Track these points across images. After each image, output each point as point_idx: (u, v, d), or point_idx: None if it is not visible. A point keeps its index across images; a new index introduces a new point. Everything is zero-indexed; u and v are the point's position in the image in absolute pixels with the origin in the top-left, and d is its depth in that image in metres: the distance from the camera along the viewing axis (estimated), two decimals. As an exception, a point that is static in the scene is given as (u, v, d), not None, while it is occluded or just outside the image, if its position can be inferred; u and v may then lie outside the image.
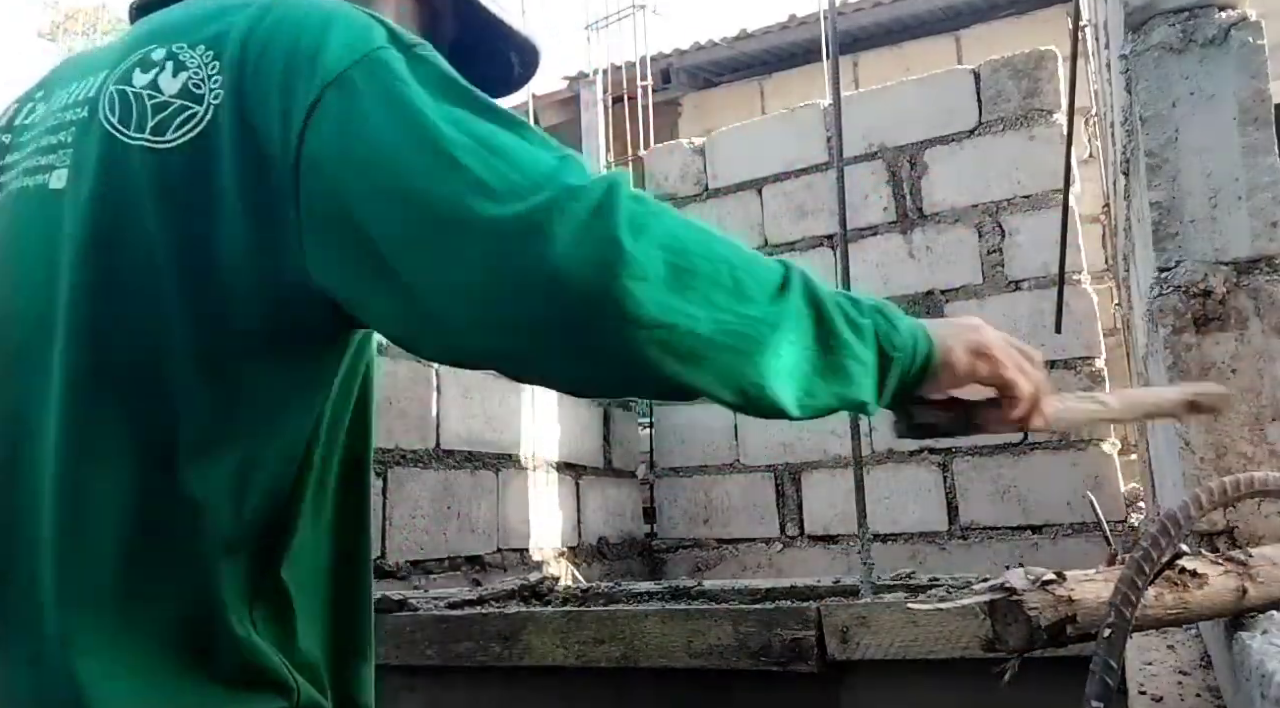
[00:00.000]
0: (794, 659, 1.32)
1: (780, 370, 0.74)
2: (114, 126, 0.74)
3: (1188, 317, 1.03)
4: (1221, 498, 0.74)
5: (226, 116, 0.71)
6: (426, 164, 0.68)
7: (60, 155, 0.77)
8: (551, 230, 0.64)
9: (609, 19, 5.07)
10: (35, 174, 0.78)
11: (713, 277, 0.70)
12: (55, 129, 0.79)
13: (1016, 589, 0.72)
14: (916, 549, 3.24)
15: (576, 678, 1.52)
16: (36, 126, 0.82)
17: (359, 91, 0.70)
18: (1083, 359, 3.10)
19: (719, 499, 3.62)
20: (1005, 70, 3.29)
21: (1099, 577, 0.76)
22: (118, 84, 0.76)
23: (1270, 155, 1.03)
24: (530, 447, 2.97)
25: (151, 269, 0.71)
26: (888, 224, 3.41)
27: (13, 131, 0.85)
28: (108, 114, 0.75)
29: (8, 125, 0.87)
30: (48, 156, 0.78)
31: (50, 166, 0.77)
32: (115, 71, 0.77)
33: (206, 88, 0.73)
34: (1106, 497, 2.94)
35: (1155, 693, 0.95)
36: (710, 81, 7.16)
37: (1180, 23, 1.07)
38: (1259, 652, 0.64)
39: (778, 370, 0.73)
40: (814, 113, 3.62)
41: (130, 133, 0.73)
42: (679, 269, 0.68)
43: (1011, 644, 0.72)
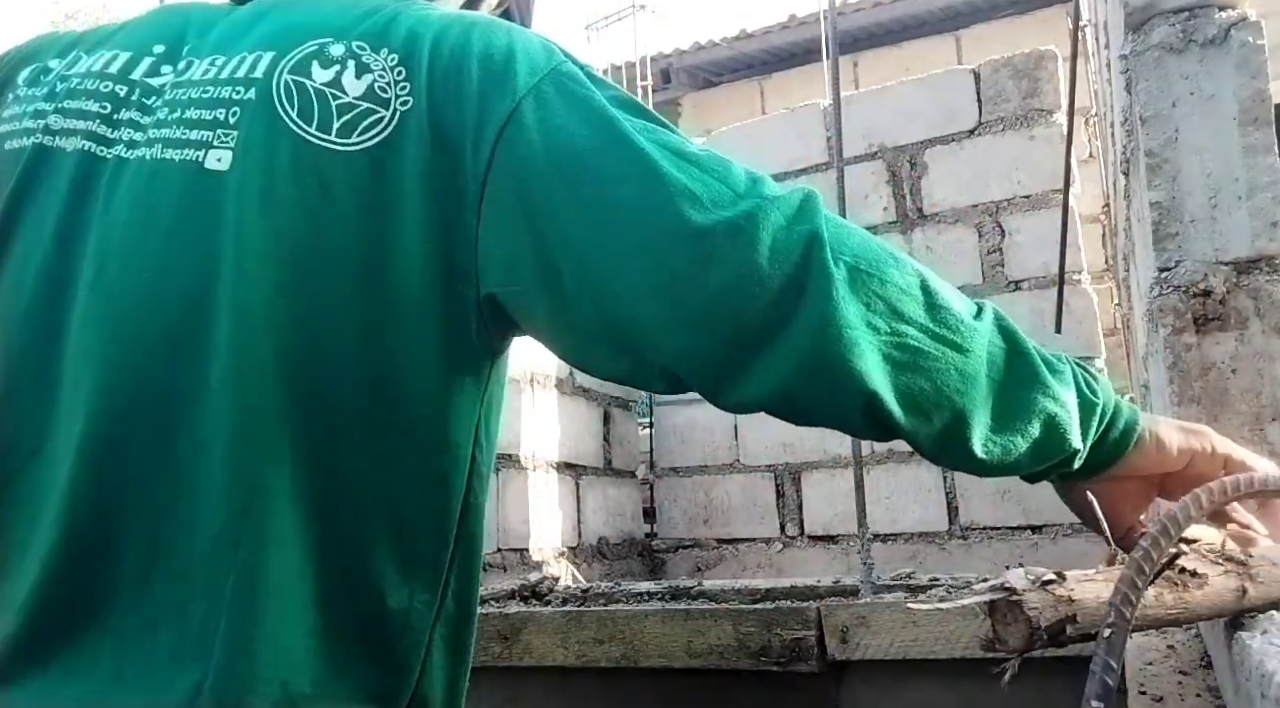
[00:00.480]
0: (794, 659, 1.32)
1: (975, 399, 0.73)
2: (294, 121, 0.73)
3: (1188, 317, 1.03)
4: (1221, 498, 0.74)
5: (414, 124, 0.73)
6: (633, 173, 0.70)
7: (219, 134, 0.74)
8: (756, 234, 0.68)
9: (609, 19, 5.08)
10: (180, 147, 0.74)
11: (904, 288, 0.72)
12: (208, 104, 0.75)
13: (1016, 589, 0.71)
14: (916, 549, 3.24)
15: (576, 678, 1.52)
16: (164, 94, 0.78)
17: (553, 103, 0.72)
18: (1083, 359, 3.10)
19: (719, 499, 3.62)
20: (1005, 70, 3.29)
21: (1099, 577, 0.76)
22: (293, 74, 0.75)
23: (1270, 155, 1.03)
24: (530, 447, 2.97)
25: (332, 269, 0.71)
26: (888, 224, 3.41)
27: (69, 80, 0.80)
28: (285, 107, 0.74)
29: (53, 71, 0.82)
30: (199, 132, 0.75)
31: (205, 143, 0.74)
32: (287, 59, 0.76)
33: (393, 93, 0.74)
34: (1106, 497, 2.94)
35: (1155, 693, 0.95)
36: (710, 81, 7.16)
37: (1180, 23, 1.07)
38: (1259, 652, 0.64)
39: (972, 398, 0.73)
40: (814, 113, 3.62)
41: (313, 131, 0.73)
42: (871, 276, 0.71)
43: (1011, 644, 0.72)
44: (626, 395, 3.69)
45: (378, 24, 0.78)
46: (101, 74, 0.80)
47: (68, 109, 0.79)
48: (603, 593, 1.65)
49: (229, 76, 0.77)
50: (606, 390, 3.53)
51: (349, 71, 0.75)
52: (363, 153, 0.72)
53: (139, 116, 0.78)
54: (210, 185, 0.73)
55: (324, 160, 0.72)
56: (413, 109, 0.73)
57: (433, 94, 0.73)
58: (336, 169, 0.72)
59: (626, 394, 3.69)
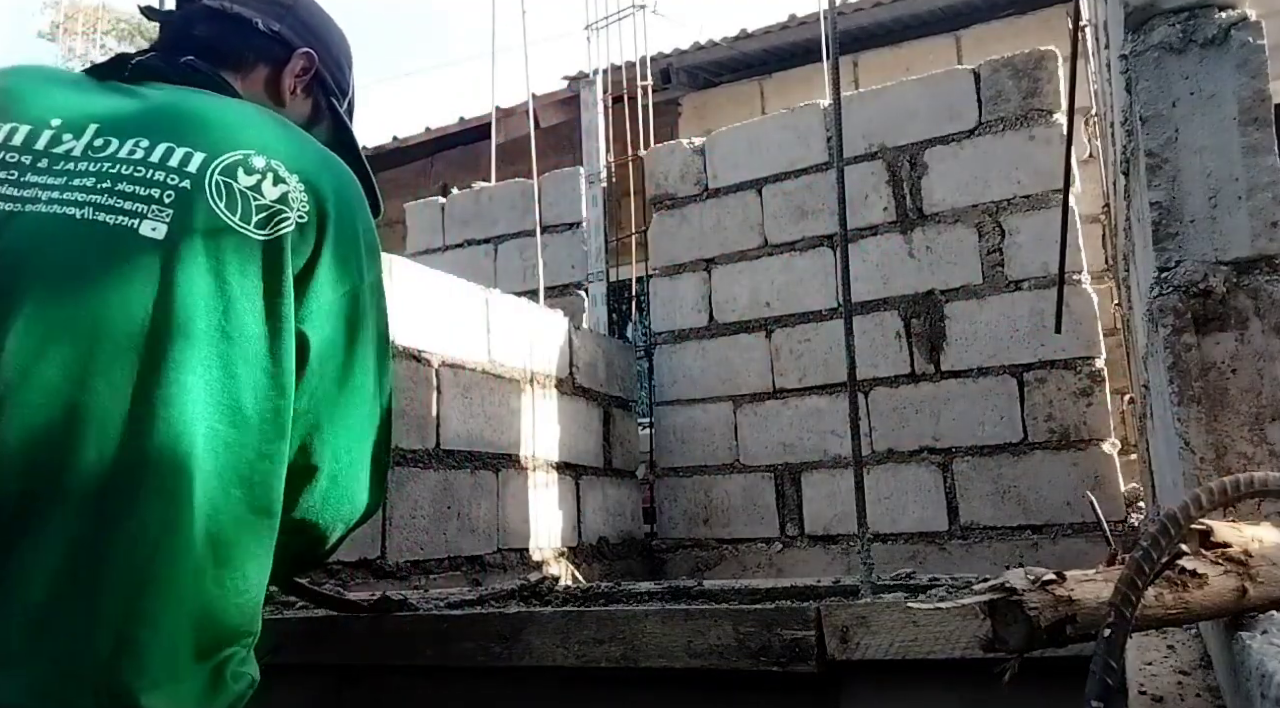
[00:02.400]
0: (794, 659, 1.32)
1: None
2: (223, 212, 1.00)
3: (1188, 317, 1.03)
4: (1221, 498, 0.74)
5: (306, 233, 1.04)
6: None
7: (154, 209, 0.97)
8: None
9: (609, 19, 5.07)
10: (112, 212, 0.96)
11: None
12: (142, 182, 0.99)
13: (1016, 589, 0.71)
14: (916, 549, 3.24)
15: (576, 678, 1.52)
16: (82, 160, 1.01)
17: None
18: (1083, 359, 3.10)
19: (719, 499, 3.62)
20: (1005, 70, 3.29)
21: (1099, 577, 0.76)
22: (224, 176, 1.02)
23: (1270, 155, 1.03)
24: (530, 447, 2.97)
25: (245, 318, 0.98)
26: (888, 224, 3.41)
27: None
28: (215, 198, 1.00)
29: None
30: (133, 203, 0.97)
31: (139, 214, 0.97)
32: (218, 162, 1.02)
33: (298, 204, 1.05)
34: (1106, 497, 2.94)
35: (1155, 693, 0.95)
36: (710, 81, 7.15)
37: (1180, 23, 1.07)
38: (1259, 652, 0.64)
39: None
40: (814, 113, 3.62)
41: (235, 221, 1.00)
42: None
43: (1011, 644, 0.72)
44: (626, 395, 3.69)
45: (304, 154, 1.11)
46: (4, 146, 1.01)
47: None
48: (603, 593, 1.65)
49: (160, 162, 1.01)
50: (607, 391, 3.53)
51: (267, 181, 1.04)
52: (270, 241, 1.01)
53: (54, 181, 0.99)
54: (145, 247, 0.95)
55: (237, 241, 0.99)
56: (307, 224, 1.05)
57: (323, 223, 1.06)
58: (247, 249, 0.99)
59: (626, 394, 3.69)
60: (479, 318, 2.81)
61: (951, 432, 3.23)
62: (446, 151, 7.58)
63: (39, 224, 0.95)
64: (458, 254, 4.57)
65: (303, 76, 1.31)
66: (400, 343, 2.42)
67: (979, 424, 3.19)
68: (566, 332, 3.29)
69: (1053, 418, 3.10)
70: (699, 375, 3.70)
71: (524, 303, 3.13)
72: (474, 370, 2.72)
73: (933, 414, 3.26)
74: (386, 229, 8.16)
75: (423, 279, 2.57)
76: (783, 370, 3.54)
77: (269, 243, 1.01)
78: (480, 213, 4.61)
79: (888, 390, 3.35)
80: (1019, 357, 3.17)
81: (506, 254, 4.49)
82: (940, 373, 3.28)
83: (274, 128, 1.14)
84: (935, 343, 3.29)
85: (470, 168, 6.67)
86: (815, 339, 3.49)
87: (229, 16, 1.27)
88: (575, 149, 4.99)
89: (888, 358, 3.35)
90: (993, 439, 3.17)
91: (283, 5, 1.32)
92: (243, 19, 1.27)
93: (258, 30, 1.28)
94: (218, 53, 1.25)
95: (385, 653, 1.60)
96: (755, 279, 3.63)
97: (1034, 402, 3.13)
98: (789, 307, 3.55)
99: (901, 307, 3.36)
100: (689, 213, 3.81)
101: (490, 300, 2.88)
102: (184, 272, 0.95)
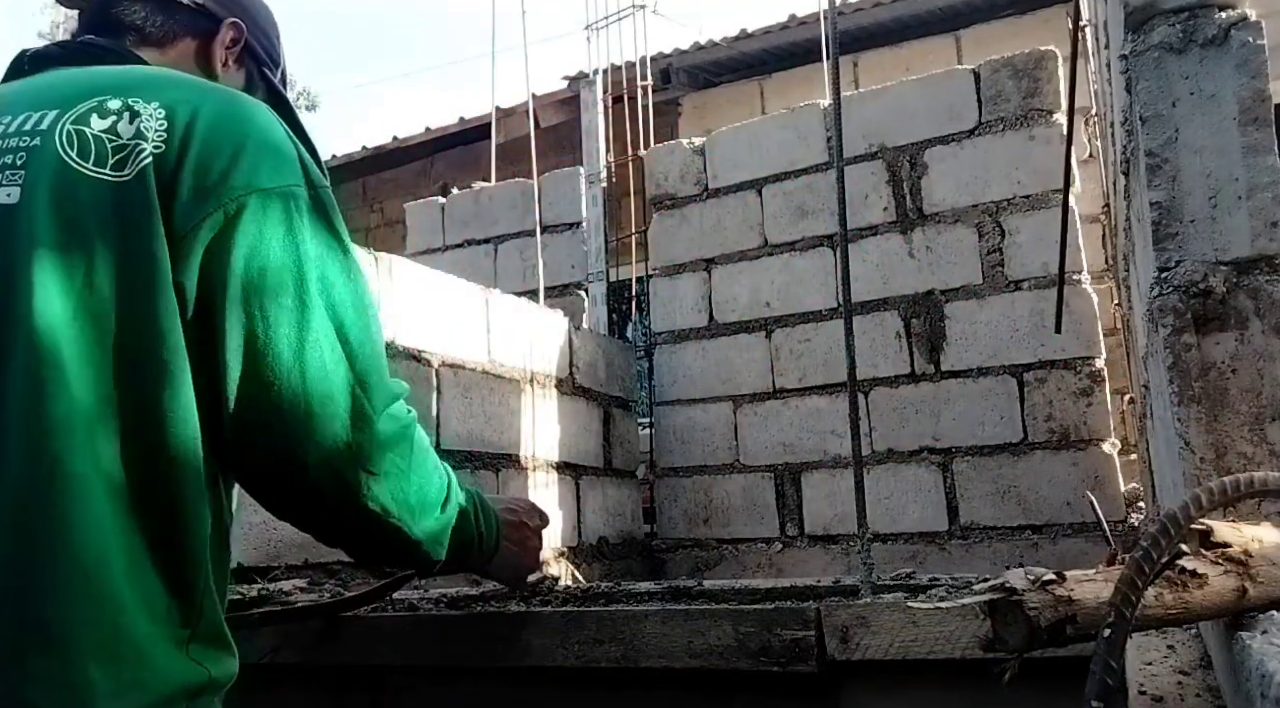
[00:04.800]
0: (794, 660, 1.32)
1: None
2: (74, 159, 0.94)
3: (1188, 317, 1.03)
4: (1221, 498, 0.74)
5: (165, 164, 0.94)
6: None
7: (10, 173, 0.94)
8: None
9: (609, 19, 5.07)
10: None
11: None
12: (2, 151, 0.95)
13: (1016, 589, 0.71)
14: (916, 549, 3.24)
15: (576, 678, 1.52)
16: None
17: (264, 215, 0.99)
18: (1083, 359, 3.10)
19: (719, 499, 3.62)
20: (1005, 70, 3.29)
21: (1099, 577, 0.76)
22: (75, 124, 0.96)
23: (1270, 155, 1.03)
24: (530, 447, 2.97)
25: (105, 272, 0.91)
26: (888, 224, 3.41)
27: None
28: (66, 148, 0.94)
29: None
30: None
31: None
32: (70, 114, 0.97)
33: (155, 133, 0.96)
34: (1106, 497, 2.94)
35: (1155, 693, 0.95)
36: (710, 81, 7.16)
37: (1180, 23, 1.07)
38: (1259, 652, 0.64)
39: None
40: (814, 113, 3.62)
41: (88, 166, 0.94)
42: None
43: (1011, 644, 0.72)
44: (626, 395, 3.69)
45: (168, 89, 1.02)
46: None
47: None
48: (603, 593, 1.65)
49: (16, 131, 0.97)
50: (607, 391, 3.53)
51: (123, 119, 0.97)
52: (127, 181, 0.93)
53: None
54: (3, 215, 0.92)
55: (91, 186, 0.93)
56: (164, 153, 0.95)
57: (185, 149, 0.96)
58: (104, 194, 0.93)
59: (626, 394, 3.69)
60: (479, 318, 2.81)
61: (951, 432, 3.23)
62: (446, 151, 7.59)
63: None
64: (458, 254, 4.57)
65: (233, 48, 1.28)
66: (400, 343, 2.42)
67: (979, 424, 3.19)
68: (566, 332, 3.29)
69: (1053, 418, 3.10)
70: (699, 375, 3.70)
71: (524, 303, 3.13)
72: (474, 370, 2.72)
73: (933, 414, 3.26)
74: (386, 229, 8.17)
75: (423, 279, 2.57)
76: (783, 370, 3.54)
77: (126, 183, 0.93)
78: (480, 213, 4.61)
79: (888, 390, 3.35)
80: (1019, 357, 3.17)
81: (506, 254, 4.49)
82: (940, 373, 3.28)
83: (156, 75, 1.08)
84: (935, 343, 3.29)
85: (470, 168, 6.68)
86: (815, 339, 3.49)
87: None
88: (575, 149, 4.99)
89: (888, 358, 3.35)
90: (993, 439, 3.17)
91: None
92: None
93: (180, 4, 1.24)
94: (138, 30, 1.21)
95: (385, 653, 1.60)
96: (755, 279, 3.63)
97: (1034, 402, 3.13)
98: (789, 307, 3.55)
99: (901, 307, 3.36)
100: (689, 213, 3.81)
101: (490, 300, 2.88)
102: (36, 230, 0.90)
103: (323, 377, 0.99)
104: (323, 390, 0.99)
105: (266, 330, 0.96)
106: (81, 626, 0.84)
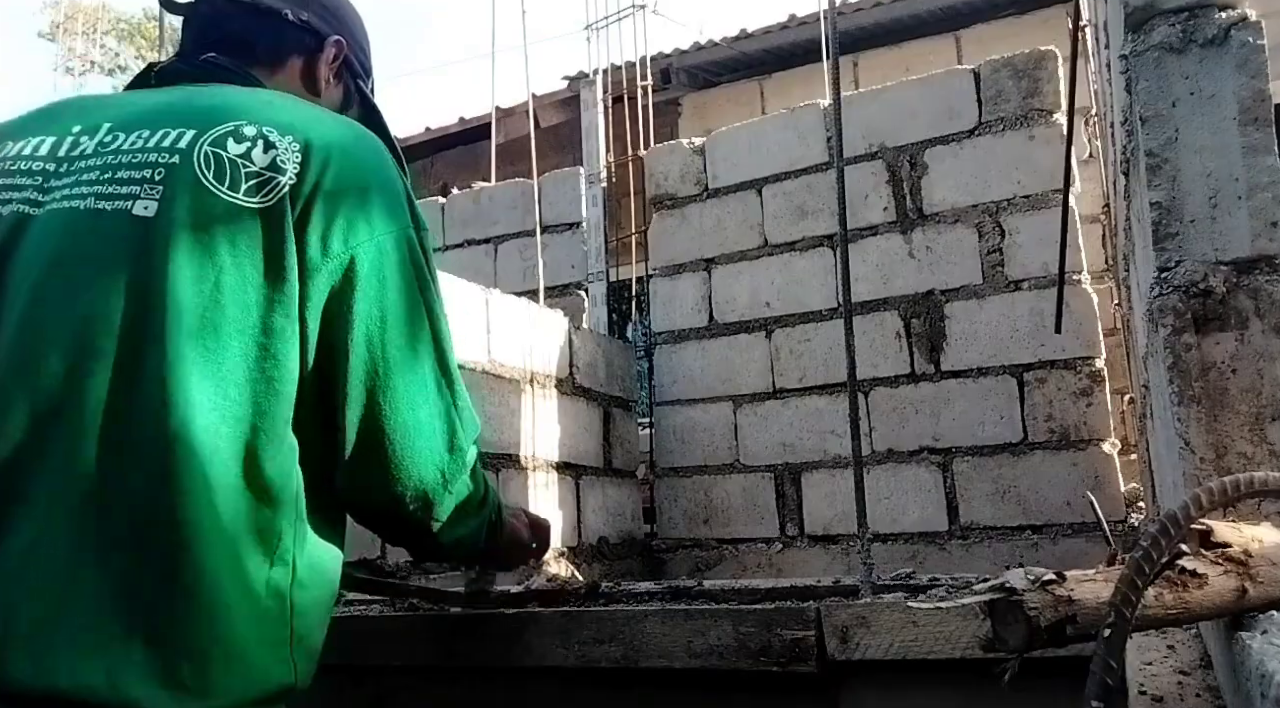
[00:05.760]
0: (794, 660, 1.32)
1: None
2: (210, 182, 0.97)
3: (1188, 317, 1.03)
4: (1221, 498, 0.74)
5: (299, 199, 0.99)
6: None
7: (145, 188, 0.97)
8: None
9: (609, 19, 5.07)
10: (111, 199, 0.97)
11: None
12: (138, 166, 0.99)
13: (1016, 589, 0.71)
14: (916, 549, 3.24)
15: (577, 678, 1.52)
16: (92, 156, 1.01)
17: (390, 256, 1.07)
18: (1083, 359, 3.10)
19: (719, 499, 3.62)
20: (1005, 70, 3.29)
21: (1099, 577, 0.76)
22: (213, 147, 1.00)
23: (1270, 155, 1.03)
24: (530, 447, 2.97)
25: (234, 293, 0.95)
26: (888, 224, 3.41)
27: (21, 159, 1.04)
28: (204, 170, 0.98)
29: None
30: (128, 187, 0.98)
31: (133, 196, 0.97)
32: (206, 136, 1.00)
33: (290, 165, 1.00)
34: (1106, 497, 2.94)
35: (1155, 693, 0.95)
36: (710, 81, 7.16)
37: (1180, 23, 1.07)
38: (1259, 652, 0.64)
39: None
40: (814, 113, 3.61)
41: (224, 190, 0.97)
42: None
43: (1011, 644, 0.72)
44: (626, 395, 3.69)
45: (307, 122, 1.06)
46: (32, 156, 1.03)
47: (3, 184, 1.01)
48: (603, 593, 1.65)
49: (154, 146, 1.00)
50: (607, 391, 3.53)
51: (258, 147, 1.00)
52: (262, 209, 0.98)
53: (67, 181, 1.00)
54: (137, 227, 0.95)
55: (227, 211, 0.97)
56: (298, 186, 0.99)
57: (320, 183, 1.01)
58: (237, 217, 0.97)
59: (626, 394, 3.69)
60: (479, 318, 2.81)
61: (951, 432, 3.23)
62: (446, 151, 7.58)
63: (49, 221, 0.98)
64: (458, 254, 4.57)
65: (334, 64, 1.30)
66: (400, 343, 2.41)
67: (979, 424, 3.19)
68: (566, 332, 3.29)
69: (1053, 418, 3.10)
70: (699, 375, 3.70)
71: (524, 303, 3.13)
72: (474, 370, 2.72)
73: (933, 414, 3.26)
74: (386, 229, 8.12)
75: (423, 279, 2.57)
76: (783, 370, 3.54)
77: (262, 210, 0.97)
78: (480, 213, 4.60)
79: (888, 390, 3.35)
80: (1019, 357, 3.17)
81: (506, 254, 4.49)
82: (940, 373, 3.28)
83: (278, 100, 1.12)
84: (935, 343, 3.29)
85: (470, 168, 6.67)
86: (815, 339, 3.49)
87: (259, 9, 1.24)
88: (575, 149, 4.99)
89: (888, 358, 3.35)
90: (993, 439, 3.17)
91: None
92: (272, 10, 1.24)
93: (288, 21, 1.25)
94: (249, 47, 1.22)
95: (385, 653, 1.60)
96: (755, 279, 3.63)
97: (1034, 402, 3.13)
98: (789, 307, 3.55)
99: (901, 307, 3.36)
100: (689, 213, 3.81)
101: (490, 300, 2.88)
102: (173, 246, 0.94)
103: (431, 416, 1.09)
104: (430, 429, 1.08)
105: (387, 372, 1.04)
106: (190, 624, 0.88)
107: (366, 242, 1.03)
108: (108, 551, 0.87)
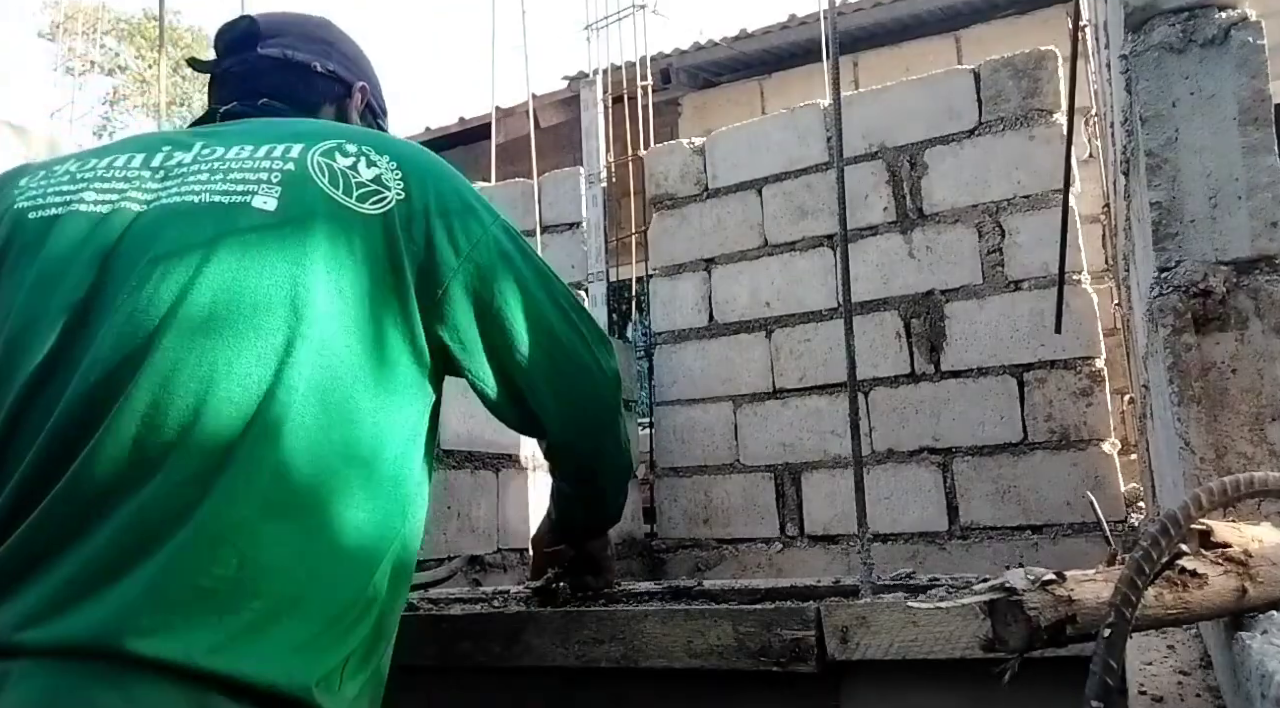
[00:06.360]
0: (794, 660, 1.32)
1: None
2: (325, 186, 1.06)
3: (1188, 317, 1.03)
4: (1221, 498, 0.74)
5: (404, 208, 1.09)
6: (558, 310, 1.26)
7: (263, 186, 1.04)
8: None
9: (609, 19, 5.07)
10: (227, 195, 1.04)
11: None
12: (251, 170, 1.06)
13: (1016, 589, 0.72)
14: (916, 549, 3.24)
15: (577, 678, 1.52)
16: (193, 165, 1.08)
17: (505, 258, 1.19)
18: (1083, 359, 3.10)
19: (719, 499, 3.62)
20: (1005, 70, 3.29)
21: (1099, 577, 0.76)
22: (323, 157, 1.09)
23: (1270, 155, 1.03)
24: (530, 447, 2.97)
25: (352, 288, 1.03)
26: (888, 224, 3.41)
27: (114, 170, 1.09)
28: (319, 176, 1.07)
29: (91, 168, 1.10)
30: (244, 185, 1.04)
31: (251, 191, 1.04)
32: (315, 148, 1.09)
33: (394, 183, 1.10)
34: (1106, 497, 2.94)
35: (1155, 693, 0.95)
36: (710, 81, 7.16)
37: (1180, 23, 1.07)
38: (1259, 652, 0.65)
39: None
40: (814, 113, 3.61)
41: (339, 195, 1.06)
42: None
43: (1011, 644, 0.72)
44: (626, 395, 3.69)
45: (392, 143, 1.17)
46: (125, 167, 1.09)
47: (100, 187, 1.06)
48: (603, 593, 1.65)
49: (265, 156, 1.08)
50: (606, 390, 3.53)
51: (361, 162, 1.10)
52: (371, 216, 1.07)
53: (172, 183, 1.06)
54: (257, 217, 1.02)
55: (345, 214, 1.05)
56: (404, 200, 1.09)
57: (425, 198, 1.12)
58: (353, 221, 1.05)
59: (626, 394, 3.69)
60: (479, 318, 2.80)
61: (951, 432, 3.23)
62: (446, 151, 7.58)
63: (160, 213, 1.03)
64: (458, 254, 4.56)
65: (361, 107, 1.40)
66: (400, 343, 2.42)
67: (979, 424, 3.19)
68: (566, 332, 3.29)
69: (1053, 418, 3.10)
70: (699, 376, 3.70)
71: (524, 303, 3.12)
72: (474, 370, 2.72)
73: (933, 414, 3.26)
74: (386, 229, 8.14)
75: (423, 279, 2.57)
76: (783, 370, 3.54)
77: (374, 217, 1.06)
78: (480, 213, 4.60)
79: (888, 390, 3.35)
80: (1019, 357, 3.17)
81: (506, 254, 4.48)
82: (940, 373, 3.28)
83: (364, 128, 1.29)
84: (935, 343, 3.29)
85: (470, 168, 6.67)
86: (815, 339, 3.49)
87: (292, 65, 1.33)
88: (575, 149, 4.99)
89: (888, 358, 3.35)
90: (993, 439, 3.17)
91: (326, 42, 1.38)
92: (302, 64, 1.33)
93: (316, 73, 1.34)
94: (290, 99, 1.31)
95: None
96: (755, 279, 3.63)
97: (1034, 402, 3.13)
98: (789, 307, 3.55)
99: (901, 307, 3.36)
100: (689, 213, 3.81)
101: (490, 300, 2.87)
102: (294, 240, 1.01)
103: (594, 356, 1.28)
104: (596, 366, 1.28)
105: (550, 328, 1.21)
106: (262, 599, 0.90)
107: (483, 236, 1.15)
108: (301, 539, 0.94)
